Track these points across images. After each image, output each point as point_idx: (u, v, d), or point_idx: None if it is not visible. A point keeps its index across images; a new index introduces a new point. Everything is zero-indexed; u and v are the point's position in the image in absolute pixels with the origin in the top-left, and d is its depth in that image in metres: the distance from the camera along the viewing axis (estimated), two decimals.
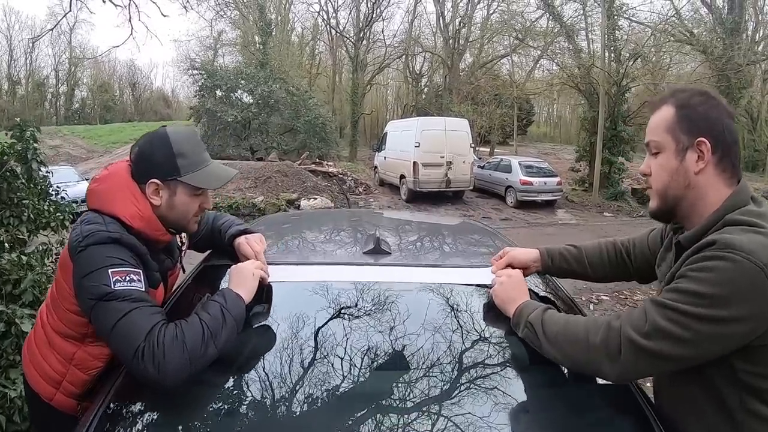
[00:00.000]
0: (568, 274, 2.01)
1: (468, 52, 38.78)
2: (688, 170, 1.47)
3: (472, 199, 20.25)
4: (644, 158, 1.58)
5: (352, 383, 1.56)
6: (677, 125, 1.48)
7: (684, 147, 1.47)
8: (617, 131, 22.21)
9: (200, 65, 29.91)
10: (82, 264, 1.58)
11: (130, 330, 1.47)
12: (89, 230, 1.62)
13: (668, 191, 1.52)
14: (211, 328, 1.52)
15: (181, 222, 1.83)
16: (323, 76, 46.14)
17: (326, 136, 27.64)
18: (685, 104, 1.47)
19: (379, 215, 4.01)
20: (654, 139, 1.53)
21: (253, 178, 17.55)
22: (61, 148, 33.36)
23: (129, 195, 1.72)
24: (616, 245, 1.97)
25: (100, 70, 58.79)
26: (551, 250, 2.00)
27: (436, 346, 1.69)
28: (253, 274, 1.75)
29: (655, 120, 1.54)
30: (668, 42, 23.62)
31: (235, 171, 2.02)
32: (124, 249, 1.62)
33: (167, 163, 1.73)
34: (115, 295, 1.51)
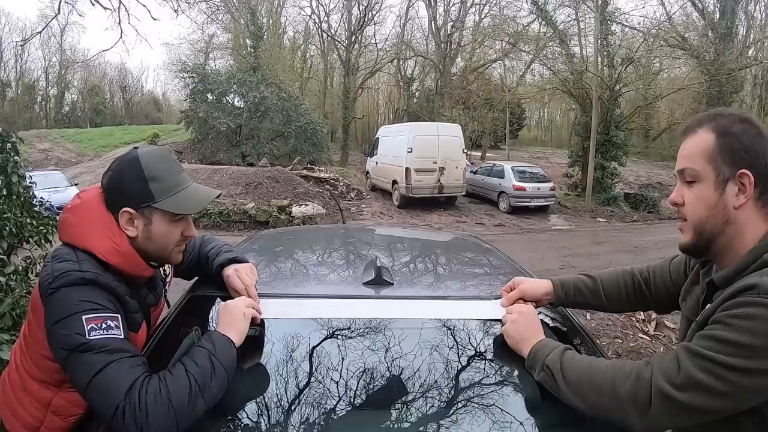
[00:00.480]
0: (582, 306, 1.91)
1: (460, 57, 38.80)
2: (727, 204, 1.36)
3: (465, 205, 20.18)
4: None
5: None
6: (719, 155, 1.36)
7: (725, 179, 1.35)
8: (610, 136, 22.24)
9: (192, 68, 29.71)
10: (53, 309, 1.42)
11: (109, 387, 1.31)
12: (60, 270, 1.45)
13: (705, 226, 1.41)
14: (199, 380, 1.37)
15: (163, 253, 1.67)
16: (314, 80, 45.99)
17: (317, 141, 27.55)
18: (726, 131, 1.36)
19: (371, 232, 3.88)
20: (691, 167, 1.41)
21: (243, 184, 17.38)
22: (51, 152, 33.17)
23: (103, 227, 1.56)
24: (635, 276, 1.84)
25: (91, 73, 58.66)
26: (565, 282, 1.87)
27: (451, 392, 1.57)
28: (243, 314, 1.59)
29: (692, 145, 1.42)
30: (660, 47, 23.69)
31: (217, 191, 1.85)
32: (100, 291, 1.45)
33: (139, 189, 1.57)
34: (90, 346, 1.35)
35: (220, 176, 17.99)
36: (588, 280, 1.88)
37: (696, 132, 1.41)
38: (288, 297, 1.95)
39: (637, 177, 28.79)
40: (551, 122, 60.05)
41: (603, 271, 1.92)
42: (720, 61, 21.80)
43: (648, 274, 1.83)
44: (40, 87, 57.21)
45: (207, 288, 2.01)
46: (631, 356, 5.88)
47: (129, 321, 1.55)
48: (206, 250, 2.03)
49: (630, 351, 6.00)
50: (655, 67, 25.86)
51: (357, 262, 2.44)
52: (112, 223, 1.58)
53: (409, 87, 43.12)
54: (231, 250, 2.03)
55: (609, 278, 1.87)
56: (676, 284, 1.70)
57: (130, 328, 1.55)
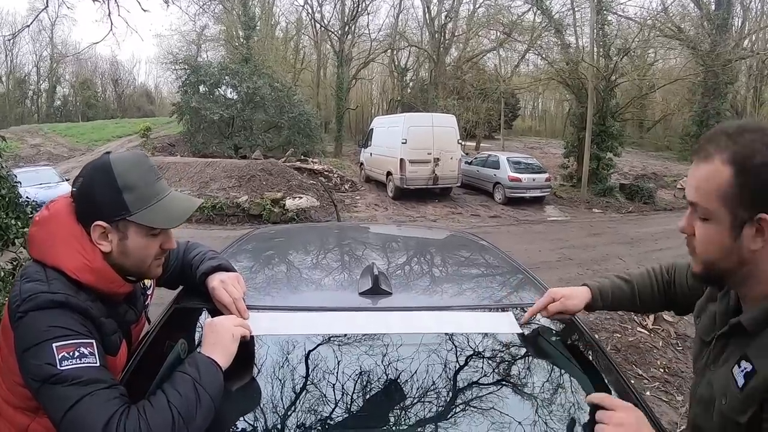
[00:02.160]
0: (615, 309, 1.91)
1: (454, 47, 38.74)
2: (742, 248, 1.23)
3: (460, 196, 20.12)
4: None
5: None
6: (736, 197, 1.20)
7: (741, 222, 1.22)
8: (606, 127, 22.18)
9: (184, 59, 29.53)
10: (22, 335, 1.29)
11: (84, 423, 1.19)
12: (29, 291, 1.32)
13: (717, 265, 1.31)
14: (182, 412, 1.24)
15: (141, 268, 1.53)
16: (307, 70, 45.81)
17: (311, 133, 27.45)
18: (747, 166, 1.18)
19: (366, 231, 3.78)
20: (702, 205, 1.27)
21: (236, 177, 17.25)
22: (43, 146, 32.91)
23: (74, 243, 1.42)
24: (664, 277, 1.79)
25: (82, 66, 58.34)
26: (604, 288, 1.82)
27: (456, 414, 1.46)
28: (232, 335, 1.46)
29: (704, 178, 1.26)
30: (656, 37, 23.65)
31: (199, 201, 1.70)
32: (72, 314, 1.32)
33: (112, 201, 1.42)
34: (62, 378, 1.22)
35: (213, 169, 17.86)
36: (624, 285, 1.82)
37: (711, 159, 1.24)
38: (278, 310, 1.84)
39: (632, 167, 28.77)
40: (545, 112, 60.12)
41: (636, 273, 1.87)
42: (716, 52, 21.77)
43: (671, 276, 1.78)
44: (31, 81, 56.83)
45: (192, 299, 1.86)
46: (630, 350, 5.82)
47: (106, 344, 1.42)
48: (190, 258, 1.88)
49: (629, 345, 5.94)
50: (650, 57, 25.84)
51: (352, 267, 2.33)
52: (83, 238, 1.44)
53: (403, 77, 43.05)
54: (216, 257, 1.87)
55: (643, 281, 1.82)
56: (693, 289, 1.64)
57: (107, 352, 1.42)
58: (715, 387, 1.32)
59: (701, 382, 1.43)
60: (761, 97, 35.55)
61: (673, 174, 26.73)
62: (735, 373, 1.27)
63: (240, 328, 1.51)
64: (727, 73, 23.79)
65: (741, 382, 1.24)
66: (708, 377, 1.39)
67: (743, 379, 1.24)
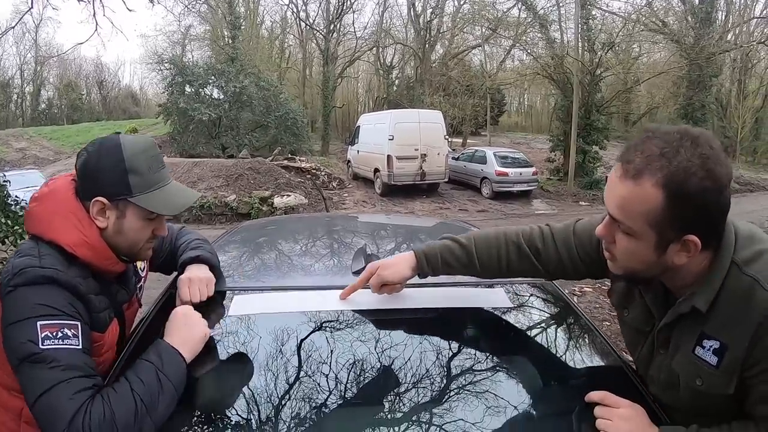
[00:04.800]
0: (455, 274, 1.73)
1: (439, 44, 38.77)
2: (666, 261, 1.24)
3: (448, 191, 20.17)
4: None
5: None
6: (666, 221, 1.17)
7: (667, 242, 1.21)
8: (591, 120, 22.33)
9: (170, 59, 29.38)
10: (9, 309, 1.32)
11: (54, 410, 1.22)
12: (20, 266, 1.35)
13: (637, 274, 1.33)
14: (146, 400, 1.27)
15: (132, 250, 1.57)
16: (293, 69, 45.66)
17: (298, 131, 27.36)
18: (679, 192, 1.13)
19: (354, 220, 3.83)
20: (627, 225, 1.23)
21: (224, 176, 17.20)
22: (28, 150, 32.70)
23: (72, 218, 1.45)
24: (521, 248, 1.64)
25: (67, 68, 57.85)
26: (430, 253, 1.69)
27: (447, 385, 1.51)
28: (203, 336, 1.49)
29: (631, 199, 1.19)
30: (641, 32, 23.82)
31: (197, 194, 1.74)
32: (61, 291, 1.35)
33: (117, 180, 1.45)
34: (41, 358, 1.25)
35: (200, 169, 17.81)
36: (458, 249, 1.68)
37: (641, 179, 1.17)
38: (274, 290, 1.89)
39: None
40: (531, 108, 60.17)
41: (480, 235, 1.71)
42: (700, 46, 21.92)
43: (542, 245, 1.63)
44: (15, 85, 56.26)
45: None
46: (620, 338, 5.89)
47: (94, 321, 1.45)
48: (178, 244, 1.93)
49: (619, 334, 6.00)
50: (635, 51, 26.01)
51: (344, 250, 2.38)
52: (82, 214, 1.47)
53: (388, 75, 42.98)
54: (199, 246, 1.89)
55: (487, 247, 1.67)
56: (585, 258, 1.58)
57: (95, 329, 1.46)
58: (681, 373, 1.33)
59: (651, 365, 1.44)
60: (745, 89, 35.75)
61: None
62: (701, 354, 1.28)
63: (208, 331, 1.53)
64: (711, 66, 23.93)
65: (714, 360, 1.25)
66: (659, 362, 1.41)
67: (715, 356, 1.25)
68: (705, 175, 1.12)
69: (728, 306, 1.22)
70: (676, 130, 1.18)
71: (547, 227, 1.67)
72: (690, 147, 1.14)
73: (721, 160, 1.15)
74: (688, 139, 1.15)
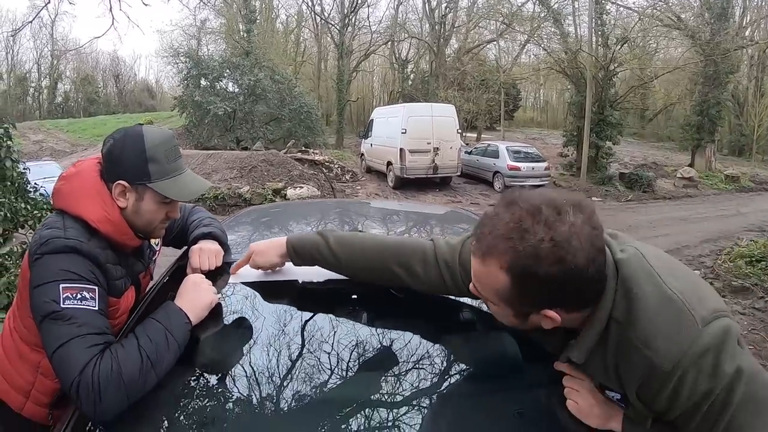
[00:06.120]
0: (324, 267, 1.73)
1: (454, 38, 38.71)
2: (532, 323, 1.22)
3: (460, 185, 20.21)
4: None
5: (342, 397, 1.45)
6: (517, 300, 1.16)
7: (527, 314, 1.20)
8: (604, 116, 22.23)
9: (185, 53, 29.59)
10: (36, 274, 1.48)
11: (68, 361, 1.36)
12: (47, 237, 1.51)
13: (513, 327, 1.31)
14: (151, 356, 1.41)
15: (147, 228, 1.74)
16: (308, 63, 45.79)
17: (312, 124, 27.51)
18: (525, 276, 1.09)
19: (366, 205, 3.91)
20: (483, 295, 1.24)
21: (238, 167, 17.38)
22: (45, 142, 33.03)
23: (97, 197, 1.62)
24: (393, 270, 1.60)
25: (83, 62, 58.14)
26: (298, 245, 1.72)
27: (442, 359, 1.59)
28: (210, 303, 1.63)
29: (482, 275, 1.19)
30: (656, 27, 23.64)
31: (209, 184, 1.92)
32: (82, 259, 1.51)
33: (138, 166, 1.62)
34: (61, 315, 1.41)
35: (215, 161, 17.99)
36: (326, 250, 1.68)
37: (487, 259, 1.14)
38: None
39: (632, 157, 28.81)
40: (547, 103, 59.84)
41: (353, 243, 1.68)
42: (715, 41, 21.77)
43: (421, 268, 1.58)
44: (33, 78, 56.58)
45: None
46: None
47: (111, 287, 1.62)
48: (189, 221, 2.11)
49: None
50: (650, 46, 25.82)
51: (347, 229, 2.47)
52: (105, 193, 1.63)
53: (403, 69, 43.01)
54: (211, 224, 2.08)
55: (354, 259, 1.66)
56: (467, 280, 1.39)
57: (112, 294, 1.62)
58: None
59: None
60: (762, 87, 35.36)
61: (673, 164, 26.82)
62: (611, 397, 1.32)
63: (216, 298, 1.68)
64: (727, 63, 23.76)
65: (623, 406, 1.29)
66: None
67: (621, 404, 1.29)
68: (555, 260, 1.06)
69: (614, 359, 1.20)
70: (534, 203, 1.11)
71: (431, 247, 1.59)
72: (542, 230, 1.07)
73: (583, 238, 1.08)
74: (542, 218, 1.08)
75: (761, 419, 1.11)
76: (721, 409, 1.10)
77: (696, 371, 1.08)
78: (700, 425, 1.14)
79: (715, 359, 1.08)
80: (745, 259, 8.68)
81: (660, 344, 1.10)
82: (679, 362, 1.08)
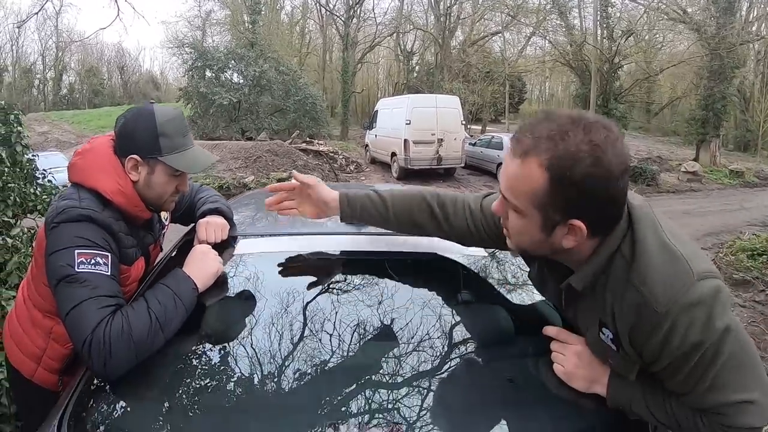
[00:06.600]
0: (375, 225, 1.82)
1: (459, 30, 38.56)
2: (554, 243, 1.25)
3: (464, 176, 20.20)
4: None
5: (339, 362, 1.52)
6: (550, 203, 1.17)
7: (553, 224, 1.21)
8: (609, 109, 22.27)
9: (190, 44, 29.62)
10: (52, 241, 1.57)
11: (81, 321, 1.44)
12: (63, 207, 1.60)
13: (528, 251, 1.38)
14: (160, 318, 1.50)
15: (158, 201, 1.82)
16: (313, 55, 45.74)
17: (317, 116, 27.52)
18: (563, 175, 1.12)
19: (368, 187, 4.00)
20: (514, 204, 1.24)
21: (243, 158, 17.45)
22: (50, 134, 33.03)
23: (111, 170, 1.71)
24: (433, 210, 1.68)
25: (88, 54, 58.02)
26: (353, 199, 1.77)
27: (431, 320, 1.66)
28: (216, 271, 1.73)
29: (517, 177, 1.20)
30: (661, 20, 23.57)
31: (215, 157, 2.00)
32: (96, 227, 1.60)
33: (149, 141, 1.71)
34: (76, 278, 1.49)
35: (220, 151, 18.02)
36: (378, 200, 1.74)
37: (528, 159, 1.16)
38: (279, 236, 2.12)
39: (637, 151, 28.68)
40: (552, 96, 59.73)
41: (399, 192, 1.77)
42: (720, 35, 21.70)
43: (452, 211, 1.67)
44: (38, 70, 56.50)
45: None
46: None
47: (123, 255, 1.71)
48: (197, 199, 2.20)
49: None
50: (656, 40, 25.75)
51: None
52: (118, 168, 1.72)
53: (408, 61, 42.94)
54: (217, 201, 2.18)
55: (402, 204, 1.73)
56: (488, 231, 1.61)
57: (123, 262, 1.72)
58: (595, 352, 1.40)
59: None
60: None
61: (678, 158, 26.75)
62: (604, 339, 1.33)
63: (222, 268, 1.77)
64: (733, 57, 23.68)
65: (615, 346, 1.31)
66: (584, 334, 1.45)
67: (613, 345, 1.31)
68: (592, 162, 1.10)
69: (612, 295, 1.24)
70: (572, 114, 1.18)
71: (461, 196, 1.71)
72: (581, 133, 1.12)
73: (617, 149, 1.12)
74: (581, 124, 1.13)
75: (743, 378, 1.18)
76: (708, 363, 1.16)
77: (688, 320, 1.13)
78: (686, 379, 1.21)
79: (707, 313, 1.13)
80: (746, 253, 8.68)
81: (655, 285, 1.15)
82: (671, 307, 1.14)
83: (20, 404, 2.19)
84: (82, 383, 1.50)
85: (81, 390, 1.47)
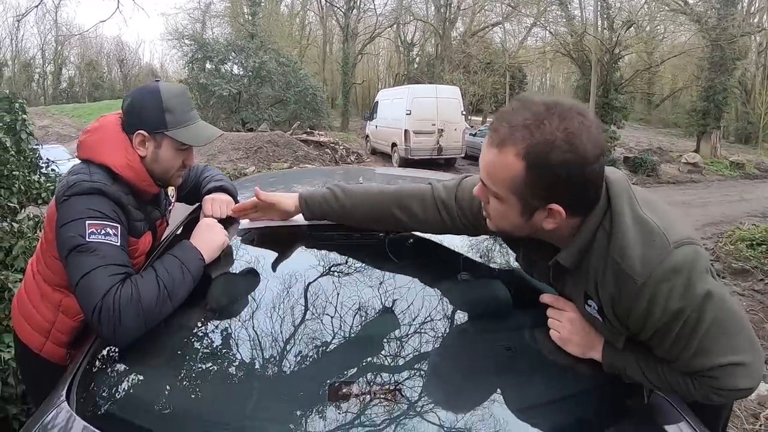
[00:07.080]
0: (333, 221, 1.85)
1: (460, 21, 38.47)
2: (535, 225, 1.28)
3: (464, 167, 20.19)
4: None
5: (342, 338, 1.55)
6: (528, 190, 1.21)
7: (532, 209, 1.25)
8: (609, 99, 22.17)
9: (190, 35, 29.57)
10: (63, 213, 1.61)
11: (91, 289, 1.48)
12: (74, 180, 1.64)
13: (509, 234, 1.44)
14: (168, 286, 1.54)
15: (165, 176, 1.86)
16: (314, 46, 45.58)
17: (317, 107, 27.47)
18: (540, 163, 1.16)
19: (371, 171, 4.04)
20: (494, 190, 1.28)
21: (244, 148, 17.48)
22: (51, 127, 32.96)
23: (119, 146, 1.75)
24: (394, 213, 1.71)
25: (87, 47, 57.69)
26: (311, 198, 1.82)
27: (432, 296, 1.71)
28: (221, 244, 1.78)
29: (495, 165, 1.23)
30: (662, 11, 23.49)
31: (220, 131, 2.04)
32: (106, 200, 1.64)
33: (155, 116, 1.75)
34: (87, 248, 1.53)
35: (220, 142, 17.99)
36: (335, 201, 1.78)
37: (504, 148, 1.19)
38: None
39: (638, 142, 28.67)
40: (553, 87, 59.46)
41: (360, 192, 1.79)
42: (721, 27, 21.63)
43: (420, 207, 1.69)
44: (37, 64, 56.26)
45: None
46: None
47: (131, 228, 1.76)
48: (202, 177, 2.24)
49: None
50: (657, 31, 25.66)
51: None
52: (127, 143, 1.76)
53: (409, 52, 42.82)
54: (222, 179, 2.23)
55: (362, 205, 1.77)
56: (465, 216, 1.63)
57: (132, 234, 1.76)
58: (586, 318, 1.44)
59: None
60: None
61: (678, 149, 26.70)
62: (590, 311, 1.38)
63: (227, 241, 1.83)
64: (734, 49, 23.61)
65: (600, 318, 1.36)
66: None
67: (599, 316, 1.35)
68: (568, 149, 1.13)
69: (594, 269, 1.29)
70: (547, 101, 1.20)
71: (429, 189, 1.70)
72: (556, 120, 1.15)
73: (592, 135, 1.16)
74: (555, 112, 1.16)
75: (729, 341, 1.23)
76: (691, 330, 1.21)
77: (668, 289, 1.17)
78: (672, 346, 1.25)
79: (686, 280, 1.17)
80: (746, 242, 8.73)
81: (633, 257, 1.19)
82: (650, 277, 1.18)
83: (27, 380, 2.24)
84: (89, 355, 1.55)
85: (88, 361, 1.52)
